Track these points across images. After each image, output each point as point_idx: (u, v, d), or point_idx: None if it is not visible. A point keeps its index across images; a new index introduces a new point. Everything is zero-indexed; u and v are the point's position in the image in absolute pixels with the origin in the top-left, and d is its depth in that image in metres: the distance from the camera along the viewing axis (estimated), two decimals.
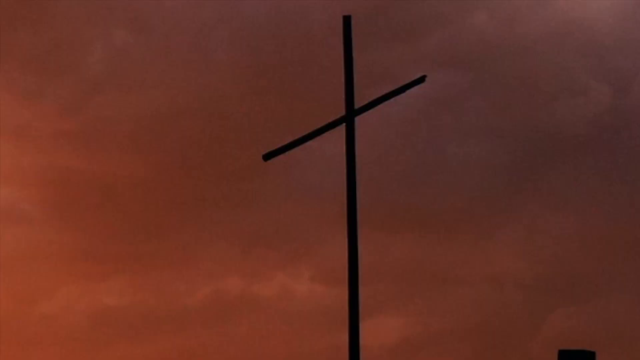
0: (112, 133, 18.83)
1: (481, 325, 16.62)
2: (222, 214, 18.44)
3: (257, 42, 18.67)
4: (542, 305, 17.65)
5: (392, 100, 8.24)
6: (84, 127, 18.70)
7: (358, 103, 6.94)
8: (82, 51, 18.74)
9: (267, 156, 7.92)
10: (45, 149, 19.43)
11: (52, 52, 19.52)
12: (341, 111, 7.37)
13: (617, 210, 18.31)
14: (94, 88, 18.54)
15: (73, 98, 18.75)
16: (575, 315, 16.89)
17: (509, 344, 16.42)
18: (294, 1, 17.96)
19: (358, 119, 6.33)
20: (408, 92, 9.04)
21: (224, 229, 18.38)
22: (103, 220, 18.85)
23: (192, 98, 18.65)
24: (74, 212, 19.00)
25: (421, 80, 7.64)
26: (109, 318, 17.73)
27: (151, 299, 18.45)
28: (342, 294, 6.30)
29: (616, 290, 17.94)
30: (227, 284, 18.50)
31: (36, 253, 18.69)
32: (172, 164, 18.90)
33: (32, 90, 18.74)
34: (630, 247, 18.13)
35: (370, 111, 7.37)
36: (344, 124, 7.47)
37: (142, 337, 17.65)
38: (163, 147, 18.91)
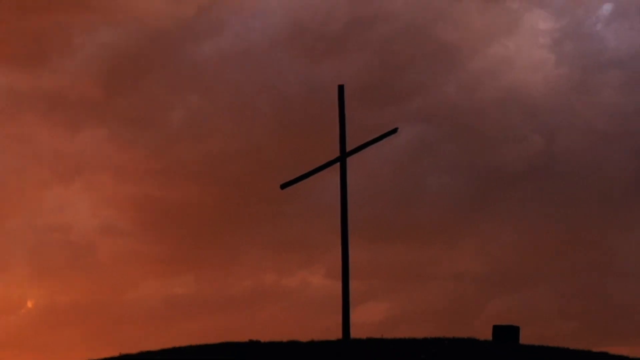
0: (184, 170, 27.37)
1: (444, 308, 24.13)
2: (260, 228, 26.58)
3: (284, 104, 27.14)
4: (486, 294, 25.61)
5: (386, 144, 12.14)
6: (165, 166, 27.74)
7: (351, 147, 10.29)
8: (166, 110, 28.29)
9: (284, 185, 11.51)
10: (136, 182, 27.90)
11: (144, 111, 28.58)
12: (337, 153, 10.88)
13: (543, 226, 26.69)
14: (174, 138, 27.77)
15: (158, 145, 27.75)
16: (508, 301, 24.44)
17: (461, 321, 22.66)
18: (309, 75, 26.47)
19: (361, 159, 9.56)
20: (399, 138, 13.18)
21: (261, 238, 26.51)
22: (175, 234, 27.00)
23: (239, 143, 27.18)
24: (155, 228, 27.08)
25: (394, 131, 10.87)
26: (178, 303, 25.97)
27: (208, 289, 26.69)
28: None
29: (538, 284, 26.22)
30: (263, 278, 27.11)
31: (128, 256, 27.28)
32: (225, 192, 26.89)
33: (129, 139, 27.39)
34: (550, 253, 26.64)
35: (369, 151, 10.80)
36: (338, 163, 11.00)
37: (201, 317, 25.42)
38: (219, 180, 26.91)
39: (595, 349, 10.33)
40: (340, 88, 9.90)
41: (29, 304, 28.33)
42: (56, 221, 27.74)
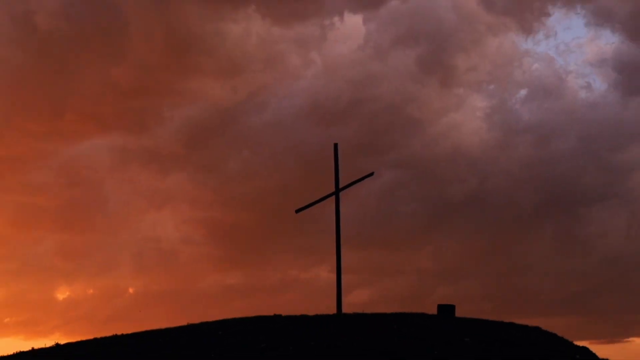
0: (235, 201, 42.51)
1: (407, 293, 35.79)
2: (285, 239, 40.01)
3: (303, 156, 41.26)
4: (435, 283, 38.46)
5: (371, 182, 18.38)
6: (224, 198, 42.60)
7: (343, 185, 15.40)
8: (226, 160, 43.73)
9: (298, 210, 16.87)
10: (203, 209, 43.75)
11: (211, 161, 44.44)
12: (332, 189, 16.23)
13: (475, 239, 41.15)
14: (230, 179, 42.66)
15: (220, 184, 43.03)
16: (450, 289, 35.95)
17: (417, 302, 34.78)
18: (321, 136, 40.25)
19: (355, 192, 14.85)
20: (380, 178, 20.89)
21: (286, 246, 40.99)
22: (230, 244, 42.09)
23: (273, 182, 41.38)
24: (217, 240, 42.14)
25: (371, 174, 15.92)
26: (230, 290, 40.49)
27: (251, 280, 41.72)
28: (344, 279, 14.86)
29: (470, 277, 39.55)
30: (287, 273, 41.46)
31: (199, 258, 42.53)
32: (263, 215, 41.14)
33: (201, 180, 43.31)
34: (479, 257, 40.68)
35: (360, 187, 16.14)
36: (334, 196, 16.46)
37: (246, 299, 39.05)
38: (259, 207, 41.47)
39: (506, 320, 15.31)
40: (335, 145, 14.63)
41: (130, 290, 42.80)
42: (151, 235, 42.81)
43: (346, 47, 47.11)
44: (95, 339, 14.35)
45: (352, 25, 47.00)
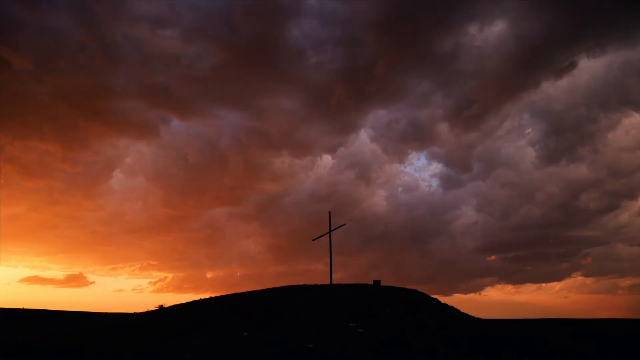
0: (277, 222, 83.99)
1: (362, 275, 70.65)
2: (306, 252, 74.78)
3: (310, 220, 78.80)
4: (369, 270, 69.08)
5: (353, 225, 47.88)
6: (266, 221, 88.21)
7: (333, 227, 37.02)
8: (253, 185, 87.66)
9: (314, 239, 41.06)
10: (270, 237, 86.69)
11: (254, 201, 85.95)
12: (327, 230, 38.91)
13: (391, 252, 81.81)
14: (269, 203, 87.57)
15: (260, 207, 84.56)
16: (385, 268, 72.15)
17: (364, 279, 53.32)
18: (318, 210, 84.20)
19: (342, 230, 35.69)
20: (351, 226, 51.47)
21: (307, 254, 73.77)
22: (282, 254, 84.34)
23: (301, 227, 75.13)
24: (275, 252, 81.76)
25: (344, 224, 37.85)
26: (281, 274, 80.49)
27: (291, 269, 75.66)
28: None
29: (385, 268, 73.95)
30: (307, 267, 77.30)
31: (264, 257, 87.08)
32: (295, 241, 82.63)
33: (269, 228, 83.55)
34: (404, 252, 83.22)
35: (344, 229, 38.30)
36: (329, 233, 40.11)
37: (289, 277, 78.66)
38: (288, 235, 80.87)
39: (404, 286, 34.47)
40: (329, 213, 33.59)
41: (238, 274, 75.12)
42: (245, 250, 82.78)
43: None
44: (226, 295, 33.64)
45: None
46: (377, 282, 34.16)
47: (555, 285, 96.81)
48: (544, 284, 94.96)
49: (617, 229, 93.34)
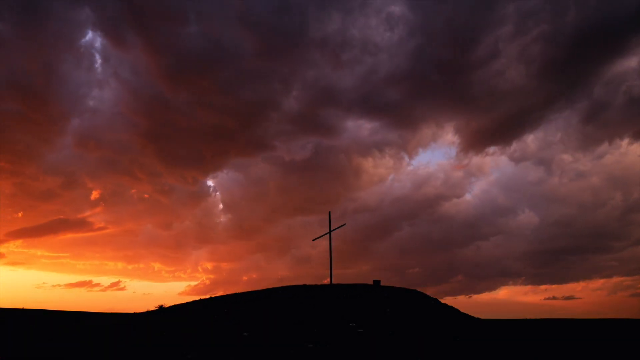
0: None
1: (362, 277, 65.29)
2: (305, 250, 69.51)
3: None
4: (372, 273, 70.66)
5: (352, 225, 48.52)
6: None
7: (333, 228, 37.23)
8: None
9: (314, 239, 41.28)
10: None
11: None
12: (327, 230, 39.24)
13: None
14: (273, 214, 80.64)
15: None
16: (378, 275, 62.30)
17: (367, 279, 52.38)
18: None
19: (341, 230, 35.99)
20: (350, 226, 50.65)
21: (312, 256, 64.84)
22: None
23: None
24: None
25: (344, 224, 38.07)
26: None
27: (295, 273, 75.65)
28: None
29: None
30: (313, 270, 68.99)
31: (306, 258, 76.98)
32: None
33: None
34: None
35: (344, 229, 38.86)
36: (329, 234, 40.51)
37: (292, 281, 60.11)
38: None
39: (403, 287, 34.45)
40: (329, 213, 33.59)
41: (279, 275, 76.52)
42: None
43: None
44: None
45: None
46: (377, 282, 34.17)
47: None
48: None
49: None
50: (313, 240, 34.94)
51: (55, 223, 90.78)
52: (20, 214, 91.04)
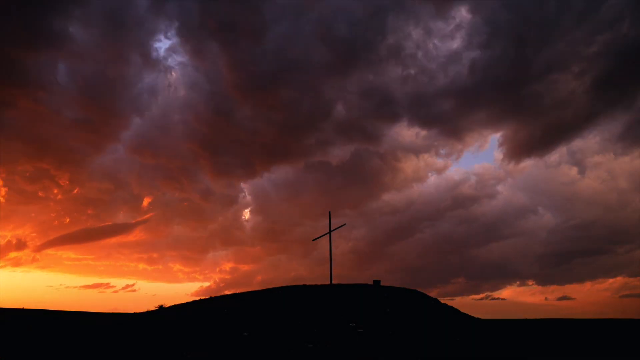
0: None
1: (360, 276, 70.27)
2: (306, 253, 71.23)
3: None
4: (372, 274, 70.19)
5: (351, 225, 49.17)
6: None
7: (333, 228, 37.56)
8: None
9: (314, 239, 41.38)
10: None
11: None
12: (326, 230, 39.43)
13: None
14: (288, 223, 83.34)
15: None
16: (383, 267, 73.76)
17: (367, 279, 52.57)
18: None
19: (341, 231, 36.20)
20: (350, 226, 51.62)
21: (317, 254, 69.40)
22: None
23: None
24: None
25: (343, 224, 38.21)
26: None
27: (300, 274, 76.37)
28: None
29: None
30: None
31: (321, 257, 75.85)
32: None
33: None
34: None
35: (344, 229, 38.95)
36: (329, 234, 40.52)
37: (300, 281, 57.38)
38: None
39: (403, 287, 34.43)
40: (329, 213, 33.57)
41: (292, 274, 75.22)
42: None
43: None
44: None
45: None
46: (377, 282, 34.15)
47: None
48: None
49: None
50: (313, 240, 35.00)
51: (98, 230, 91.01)
52: (67, 220, 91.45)
